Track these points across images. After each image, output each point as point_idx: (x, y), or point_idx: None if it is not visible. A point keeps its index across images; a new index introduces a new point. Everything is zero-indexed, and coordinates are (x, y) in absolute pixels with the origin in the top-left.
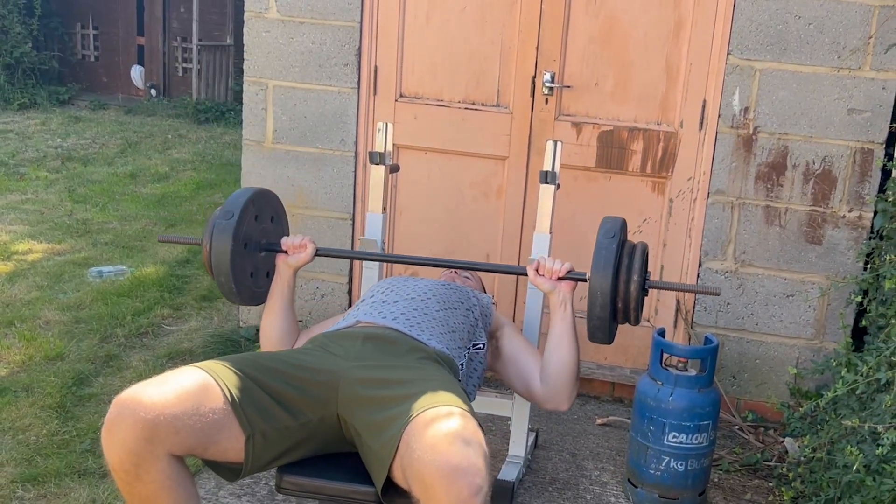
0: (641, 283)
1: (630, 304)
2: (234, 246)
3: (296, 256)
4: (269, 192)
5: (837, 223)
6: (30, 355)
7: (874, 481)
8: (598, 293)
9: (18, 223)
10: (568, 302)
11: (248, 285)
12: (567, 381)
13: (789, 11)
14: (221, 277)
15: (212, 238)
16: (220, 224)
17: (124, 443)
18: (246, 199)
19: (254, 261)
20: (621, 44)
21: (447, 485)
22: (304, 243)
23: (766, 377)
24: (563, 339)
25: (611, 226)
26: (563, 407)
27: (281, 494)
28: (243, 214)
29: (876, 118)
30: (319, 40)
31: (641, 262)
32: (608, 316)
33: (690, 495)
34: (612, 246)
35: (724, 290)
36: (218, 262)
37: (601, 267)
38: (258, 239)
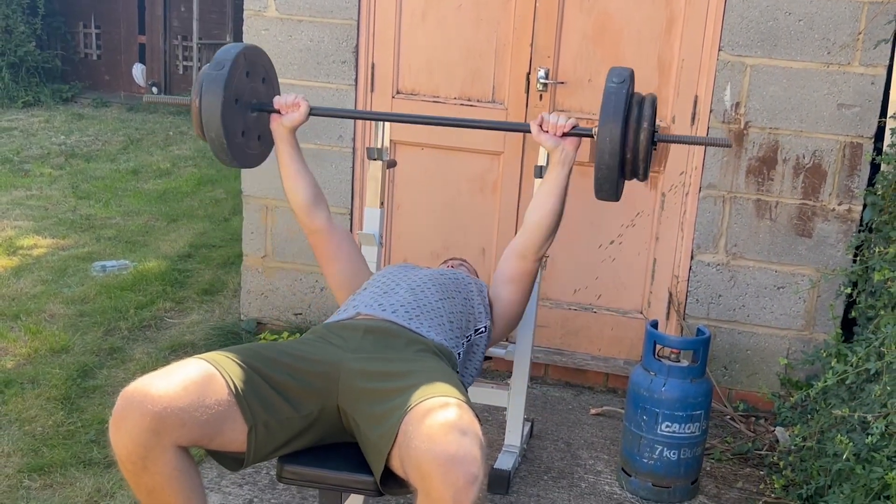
0: (651, 133)
1: (639, 155)
2: (225, 98)
3: (290, 116)
4: (260, 49)
5: (827, 216)
6: (35, 348)
7: (864, 469)
8: (608, 141)
9: (23, 219)
10: (569, 161)
11: (239, 144)
12: (546, 227)
13: (779, 8)
14: (212, 133)
15: (202, 90)
16: (209, 75)
17: (132, 435)
18: (237, 52)
19: (245, 119)
20: (614, 40)
21: (444, 474)
22: (298, 101)
23: (758, 368)
24: (553, 193)
25: (619, 72)
26: (532, 249)
27: (282, 483)
28: (234, 67)
29: (865, 113)
30: (318, 38)
31: (651, 112)
32: (616, 166)
33: (683, 483)
34: (622, 92)
35: (715, 283)
36: (208, 115)
37: (610, 115)
38: (249, 97)
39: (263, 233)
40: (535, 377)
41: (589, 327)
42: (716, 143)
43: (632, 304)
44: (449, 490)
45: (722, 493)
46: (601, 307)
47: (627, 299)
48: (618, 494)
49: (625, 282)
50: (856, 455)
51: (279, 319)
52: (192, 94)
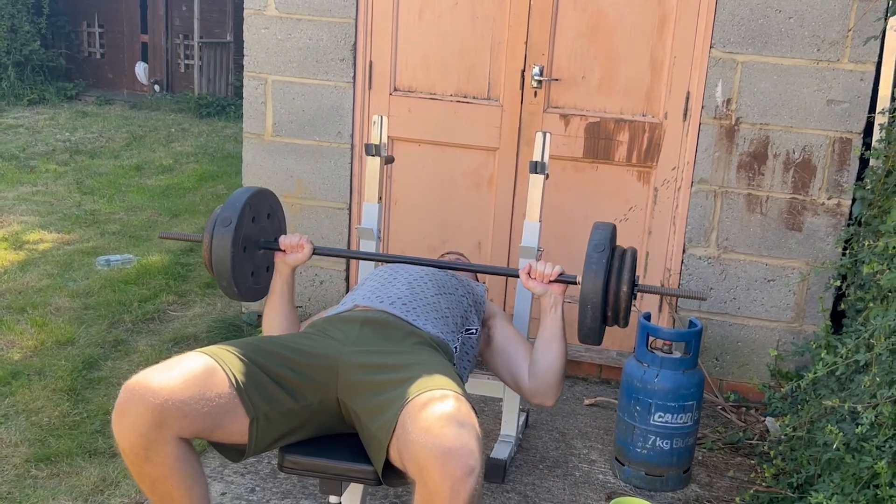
0: (630, 290)
1: (620, 311)
2: (234, 251)
3: (294, 256)
4: (265, 191)
5: (817, 210)
6: (42, 340)
7: (853, 459)
8: (589, 306)
9: (29, 214)
10: (559, 305)
11: (249, 284)
12: (554, 379)
13: (770, 6)
14: (223, 282)
15: (212, 245)
16: (219, 232)
17: (135, 427)
18: (242, 204)
19: (253, 260)
20: (608, 38)
21: (441, 466)
22: (302, 243)
23: (748, 359)
24: (553, 340)
25: (601, 238)
26: (548, 403)
27: (283, 473)
28: (241, 219)
29: (854, 108)
30: (316, 36)
31: (631, 269)
32: (598, 324)
33: (676, 472)
34: (602, 260)
35: (706, 276)
36: (219, 267)
37: (591, 279)
38: (256, 238)
39: None
40: None
41: None
42: (692, 296)
43: None
44: (446, 482)
45: (714, 482)
46: None
47: None
48: (612, 483)
49: None
50: (845, 444)
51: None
52: (203, 238)
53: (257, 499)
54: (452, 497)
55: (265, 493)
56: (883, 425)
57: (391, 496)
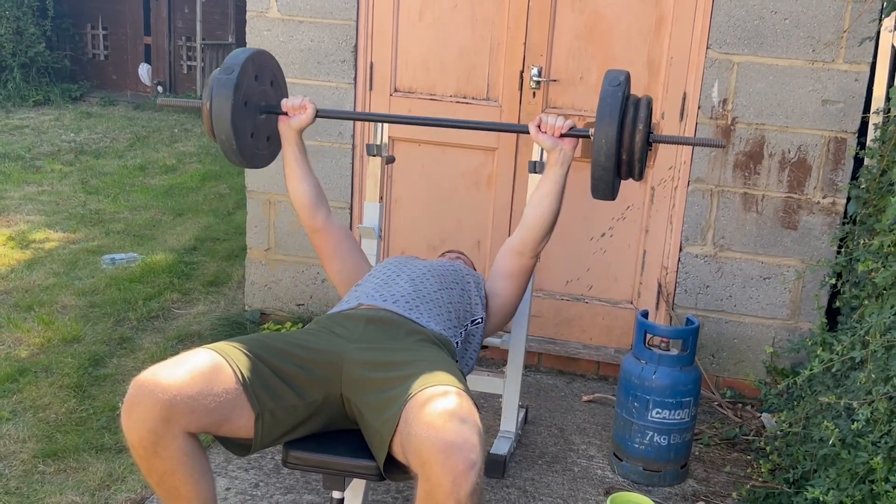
0: (646, 134)
1: (635, 156)
2: (235, 102)
3: (297, 118)
4: (268, 53)
5: (812, 209)
6: (48, 338)
7: (849, 454)
8: (604, 142)
9: (35, 213)
10: (567, 162)
11: (249, 145)
12: (543, 227)
13: (766, 7)
14: (223, 135)
15: (212, 95)
16: (219, 79)
17: (143, 422)
18: (246, 57)
19: (254, 121)
20: (605, 39)
21: (443, 460)
22: (304, 104)
23: (744, 356)
24: (551, 194)
25: (615, 76)
26: (529, 246)
27: (287, 468)
28: (243, 71)
29: (849, 108)
30: (318, 38)
31: (647, 114)
32: (612, 167)
33: (673, 468)
34: (618, 94)
35: (703, 274)
36: (219, 118)
37: (606, 116)
38: (258, 100)
39: (266, 226)
40: (529, 365)
41: (581, 317)
42: (710, 144)
43: (622, 294)
44: (448, 476)
45: (710, 477)
46: (593, 298)
47: (618, 290)
48: (610, 478)
49: (615, 273)
50: (841, 440)
51: (282, 310)
52: (202, 97)
53: (261, 494)
54: (454, 491)
55: (269, 489)
56: (878, 421)
57: (393, 491)
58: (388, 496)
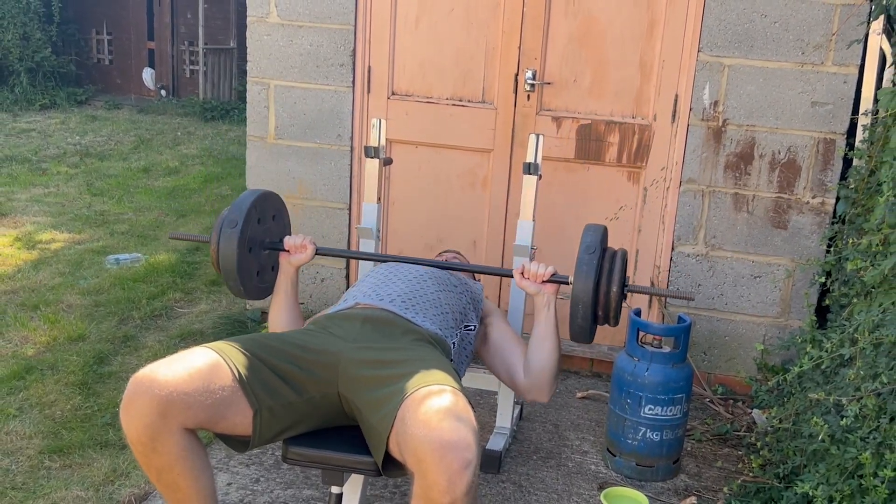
0: (620, 290)
1: (610, 310)
2: (240, 253)
3: (297, 256)
4: (270, 193)
5: (802, 209)
6: (54, 336)
7: (838, 450)
8: (580, 306)
9: (41, 215)
10: (552, 304)
11: (255, 283)
12: (548, 376)
13: (756, 10)
14: (230, 281)
15: (219, 247)
16: (225, 233)
17: (141, 418)
18: (248, 206)
19: (259, 260)
20: (598, 43)
21: (439, 459)
22: (305, 244)
23: (735, 353)
24: (547, 339)
25: (592, 240)
26: (543, 399)
27: (287, 464)
28: (247, 221)
29: (838, 110)
30: (317, 42)
31: (621, 270)
32: (589, 324)
33: (665, 463)
34: (593, 262)
35: (695, 273)
36: (225, 268)
37: (582, 280)
38: (262, 238)
39: None
40: None
41: None
42: (681, 296)
43: None
44: (444, 474)
45: (702, 472)
46: None
47: None
48: (603, 473)
49: None
50: (830, 436)
51: None
52: (210, 240)
53: (261, 489)
54: (450, 489)
55: (269, 484)
56: (867, 417)
57: (391, 486)
58: (386, 491)
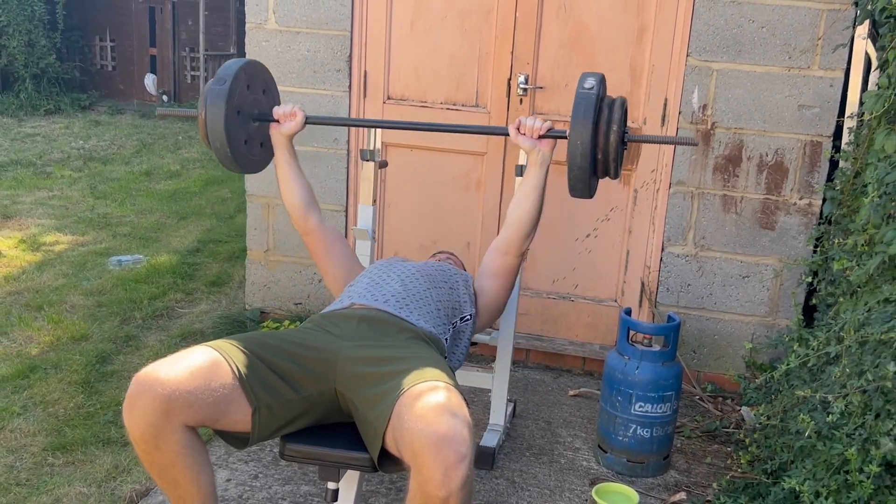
0: (621, 134)
1: (610, 155)
2: (228, 111)
3: (287, 125)
4: (260, 64)
5: (789, 210)
6: (57, 336)
7: (824, 446)
8: (579, 144)
9: (46, 217)
10: (546, 162)
11: (243, 152)
12: (526, 226)
13: (743, 16)
14: (217, 143)
15: (206, 105)
16: (213, 90)
17: (144, 416)
18: (237, 68)
19: (247, 129)
20: (589, 48)
21: (435, 453)
22: (294, 111)
23: (724, 352)
24: (533, 192)
25: (589, 77)
26: (514, 245)
27: (284, 460)
28: (235, 81)
29: (824, 113)
30: (314, 48)
31: (621, 114)
32: (588, 167)
33: (655, 459)
34: (591, 96)
35: (684, 273)
36: (213, 127)
37: (581, 118)
38: (250, 108)
39: (266, 229)
40: (517, 361)
41: (567, 315)
42: (683, 142)
43: (607, 293)
44: (439, 468)
45: (692, 468)
46: (578, 296)
47: (602, 288)
48: (594, 469)
49: (600, 272)
50: (817, 433)
51: (281, 309)
52: (198, 107)
53: (260, 485)
54: (445, 482)
55: (267, 480)
56: (852, 414)
57: (386, 482)
58: (382, 487)
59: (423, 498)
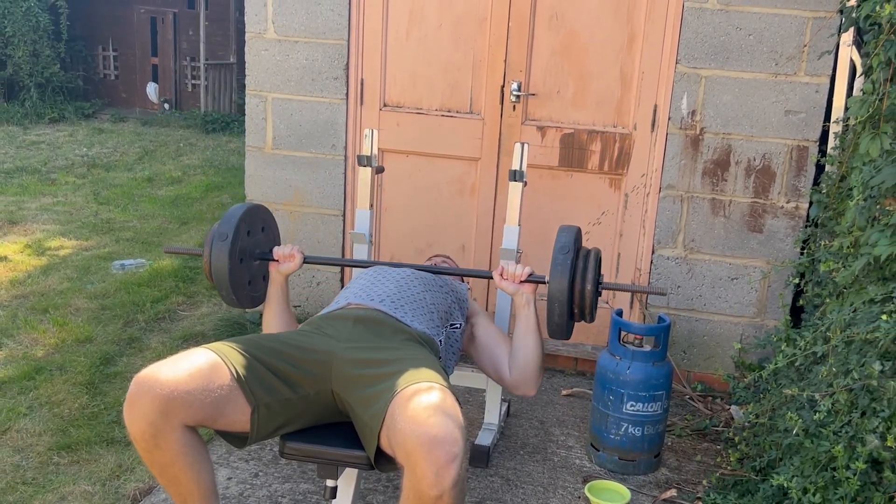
0: (595, 288)
1: (585, 307)
2: (231, 264)
3: (286, 265)
4: (259, 206)
5: (776, 213)
6: (62, 338)
7: (812, 444)
8: (556, 303)
9: (51, 223)
10: (531, 302)
11: (247, 293)
12: (533, 371)
13: (731, 24)
14: (223, 291)
15: (210, 259)
16: (217, 246)
17: (144, 416)
18: (237, 220)
19: (250, 270)
20: (580, 56)
21: (427, 453)
22: (293, 253)
23: (714, 352)
24: (528, 335)
25: (565, 241)
26: (530, 393)
27: (284, 459)
28: (236, 234)
29: (810, 118)
30: (312, 57)
31: (595, 269)
32: (565, 321)
33: (647, 457)
34: (567, 261)
35: (674, 275)
36: (218, 278)
37: (557, 279)
38: (252, 250)
39: None
40: None
41: None
42: (654, 292)
43: None
44: (432, 468)
45: (682, 466)
46: None
47: None
48: (587, 467)
49: None
50: (805, 430)
51: None
52: (203, 253)
53: (260, 483)
54: (437, 482)
55: (267, 478)
56: (839, 412)
57: (384, 480)
58: (380, 484)
59: (417, 496)
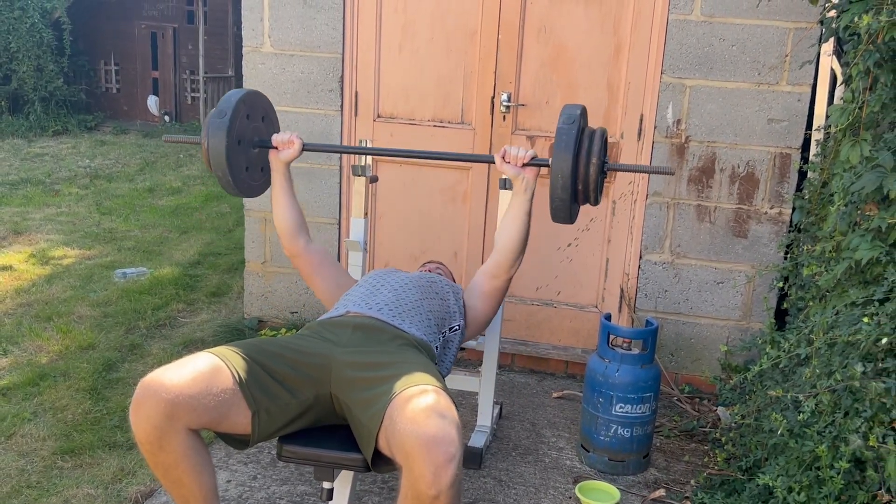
0: (600, 165)
1: (590, 185)
2: (229, 142)
3: (285, 152)
4: (260, 93)
5: (760, 219)
6: (66, 345)
7: (796, 444)
8: (560, 176)
9: (54, 232)
10: (530, 188)
11: (244, 178)
12: (512, 254)
13: (714, 35)
14: (219, 171)
15: (208, 136)
16: (214, 123)
17: (149, 419)
18: (237, 100)
19: (248, 156)
20: (568, 67)
21: (425, 453)
22: (292, 139)
23: (701, 354)
24: (519, 217)
25: (570, 112)
26: (503, 270)
27: (282, 462)
28: (235, 113)
29: (793, 126)
30: (308, 70)
31: (600, 145)
32: (569, 197)
33: (636, 458)
34: (572, 131)
35: (662, 279)
36: (215, 157)
37: (562, 151)
38: (251, 136)
39: (263, 242)
40: (503, 365)
41: (550, 320)
42: (660, 171)
43: (588, 299)
44: (430, 467)
45: (671, 466)
46: (560, 302)
47: (584, 295)
48: (578, 468)
49: (581, 280)
50: (789, 431)
51: (278, 317)
52: (201, 136)
53: (259, 485)
54: (435, 481)
55: (266, 480)
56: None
57: (379, 482)
58: (375, 486)
59: (415, 496)
